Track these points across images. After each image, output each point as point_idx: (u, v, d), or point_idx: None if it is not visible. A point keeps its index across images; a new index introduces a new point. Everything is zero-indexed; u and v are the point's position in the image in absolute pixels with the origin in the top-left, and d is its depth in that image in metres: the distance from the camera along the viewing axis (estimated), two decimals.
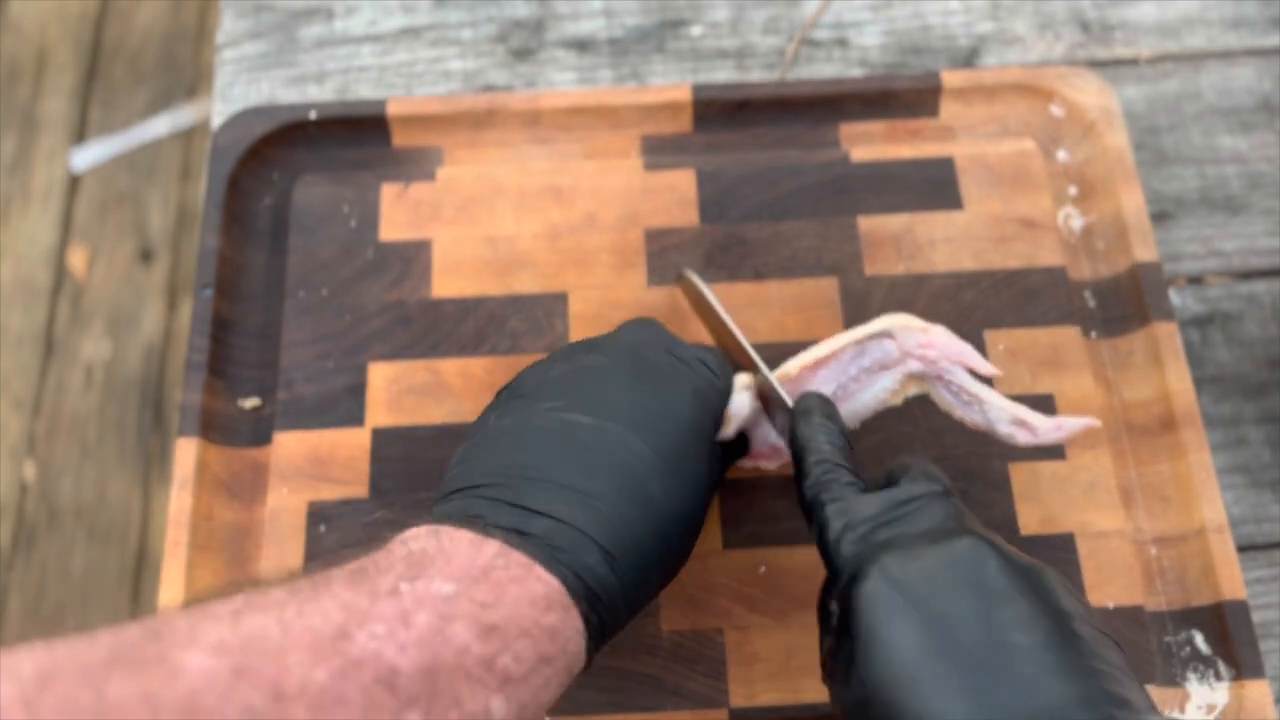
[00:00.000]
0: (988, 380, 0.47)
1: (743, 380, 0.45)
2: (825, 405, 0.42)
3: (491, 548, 0.34)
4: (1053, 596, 0.34)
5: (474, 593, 0.33)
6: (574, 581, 0.35)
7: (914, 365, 0.46)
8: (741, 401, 0.45)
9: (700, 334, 0.53)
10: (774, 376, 0.45)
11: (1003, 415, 0.46)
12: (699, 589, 0.49)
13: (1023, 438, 0.46)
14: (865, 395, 0.47)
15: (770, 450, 0.47)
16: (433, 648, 0.31)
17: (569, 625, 0.35)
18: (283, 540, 0.50)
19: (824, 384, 0.46)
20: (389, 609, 0.31)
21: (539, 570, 0.34)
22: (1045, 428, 0.45)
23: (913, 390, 0.47)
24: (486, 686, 0.31)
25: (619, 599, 0.36)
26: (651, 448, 0.39)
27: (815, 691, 0.47)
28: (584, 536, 0.36)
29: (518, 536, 0.35)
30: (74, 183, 1.44)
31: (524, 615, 0.33)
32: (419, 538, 0.35)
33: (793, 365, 0.46)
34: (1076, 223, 0.58)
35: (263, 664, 0.28)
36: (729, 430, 0.44)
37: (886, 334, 0.46)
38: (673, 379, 0.42)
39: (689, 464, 0.40)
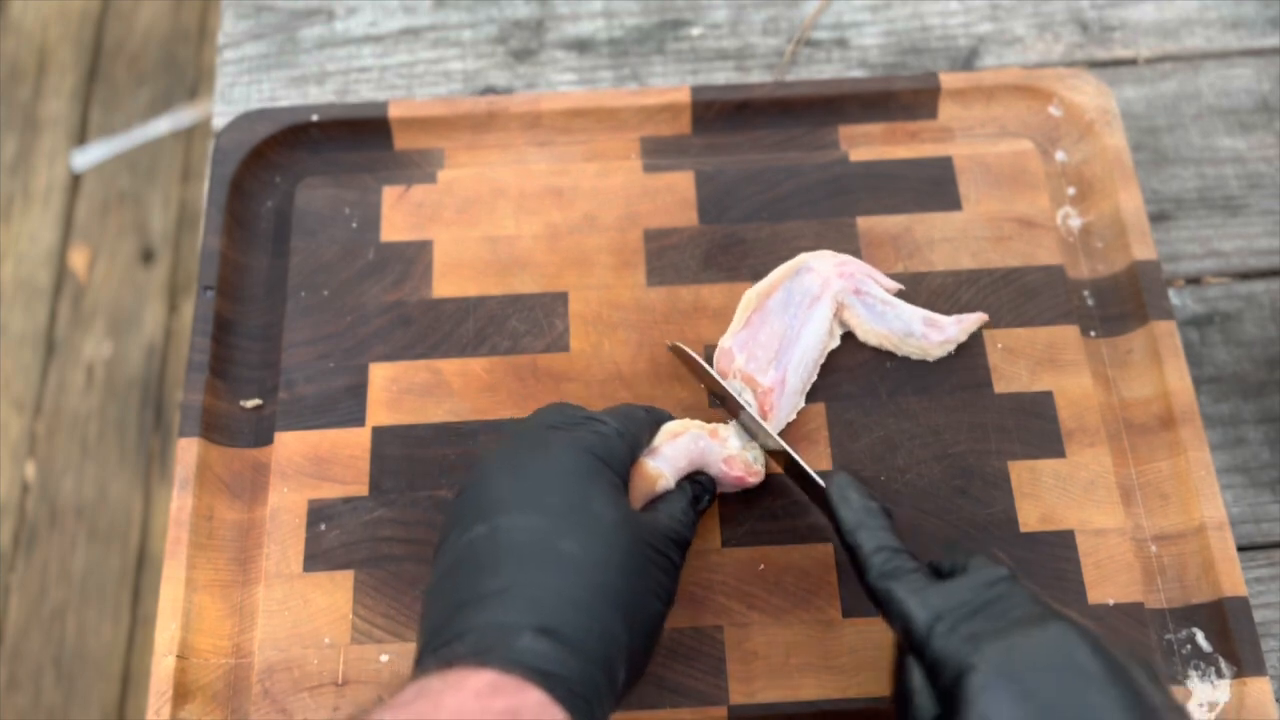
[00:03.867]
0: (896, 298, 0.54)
1: (669, 429, 0.47)
2: (859, 484, 0.43)
3: (422, 680, 0.35)
4: (1137, 684, 0.36)
5: (411, 710, 0.33)
6: (512, 667, 0.35)
7: (837, 285, 0.53)
8: (673, 452, 0.46)
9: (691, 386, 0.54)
10: (784, 443, 0.47)
11: (915, 316, 0.53)
12: (698, 587, 0.49)
13: (934, 335, 0.53)
14: (809, 334, 0.52)
15: (738, 480, 0.48)
16: None
17: (529, 701, 0.34)
18: (283, 539, 0.50)
19: (774, 320, 0.51)
20: None
21: (473, 671, 0.35)
22: (948, 323, 0.53)
23: (839, 330, 0.53)
24: None
25: (579, 662, 0.36)
26: (545, 515, 0.39)
27: (813, 688, 0.47)
28: (507, 628, 0.36)
29: (446, 662, 0.35)
30: (75, 183, 1.44)
31: (469, 708, 0.33)
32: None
33: (752, 293, 0.53)
34: (1075, 222, 0.58)
35: None
36: (666, 482, 0.46)
37: (806, 267, 0.53)
38: (549, 445, 0.42)
39: (593, 508, 0.40)
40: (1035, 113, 0.60)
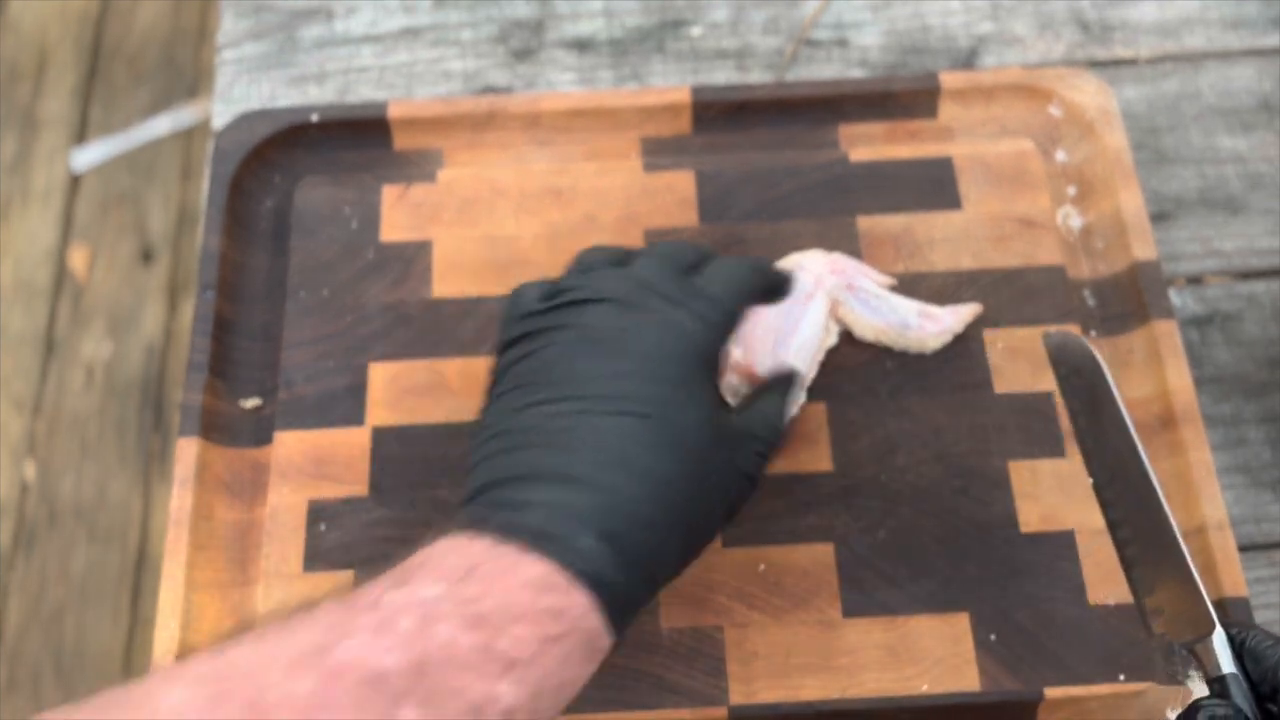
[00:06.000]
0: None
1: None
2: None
3: (481, 544, 0.34)
4: None
5: (460, 590, 0.33)
6: (570, 563, 0.34)
7: (830, 282, 0.53)
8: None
9: None
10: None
11: (910, 309, 0.53)
12: (698, 587, 0.49)
13: (931, 327, 0.53)
14: (806, 328, 0.52)
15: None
16: (417, 646, 0.31)
17: (575, 604, 0.34)
18: (283, 539, 0.50)
19: (769, 316, 0.51)
20: (369, 620, 0.31)
21: (529, 558, 0.34)
22: (943, 313, 0.54)
23: (836, 328, 0.53)
24: (487, 673, 0.31)
25: (626, 571, 0.35)
26: (636, 419, 0.38)
27: (814, 689, 0.47)
28: (575, 521, 0.35)
29: (508, 531, 0.35)
30: (74, 183, 1.44)
31: (517, 601, 0.33)
32: (420, 551, 0.35)
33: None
34: (1075, 222, 0.58)
35: (240, 686, 0.28)
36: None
37: (798, 266, 0.53)
38: (658, 333, 0.40)
39: (680, 425, 0.38)
40: (1035, 112, 0.60)
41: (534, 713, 0.32)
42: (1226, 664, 0.38)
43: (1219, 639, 0.38)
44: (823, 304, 0.52)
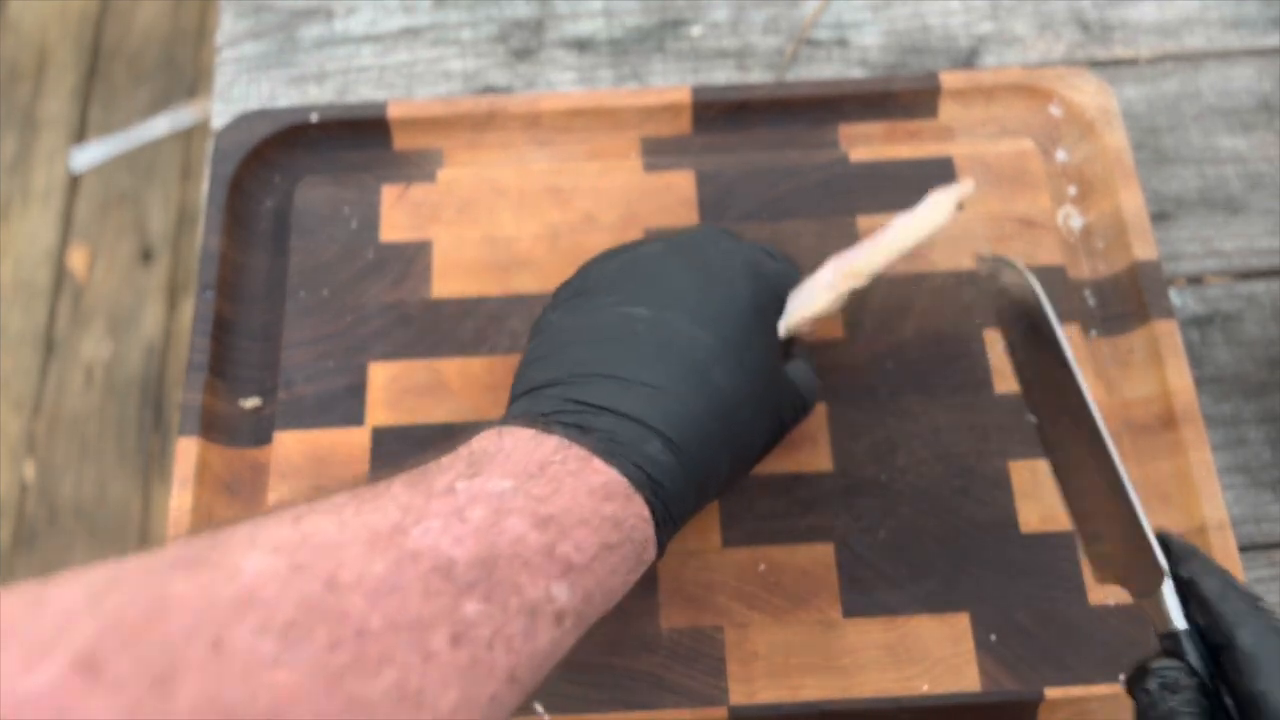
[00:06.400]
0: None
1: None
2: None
3: (551, 443, 0.35)
4: None
5: (530, 487, 0.33)
6: (634, 472, 0.35)
7: (835, 262, 0.48)
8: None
9: None
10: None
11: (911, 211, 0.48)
12: (698, 587, 0.49)
13: (922, 206, 0.48)
14: (808, 284, 0.47)
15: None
16: (488, 539, 0.31)
17: (632, 513, 0.35)
18: None
19: None
20: (444, 506, 0.31)
21: (597, 463, 0.35)
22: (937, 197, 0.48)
23: (828, 297, 0.47)
24: (547, 574, 0.32)
25: (684, 485, 0.37)
26: (712, 335, 0.39)
27: (814, 689, 0.47)
28: (645, 428, 0.36)
29: (578, 431, 0.35)
30: (74, 183, 1.44)
31: (582, 505, 0.33)
32: (484, 439, 0.36)
33: None
34: (1076, 222, 0.58)
35: (319, 559, 0.28)
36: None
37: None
38: (731, 268, 0.42)
39: (751, 349, 0.40)
40: (1036, 112, 0.60)
41: (580, 617, 0.33)
42: (1178, 619, 0.34)
43: (1169, 590, 0.35)
44: (826, 274, 0.48)
